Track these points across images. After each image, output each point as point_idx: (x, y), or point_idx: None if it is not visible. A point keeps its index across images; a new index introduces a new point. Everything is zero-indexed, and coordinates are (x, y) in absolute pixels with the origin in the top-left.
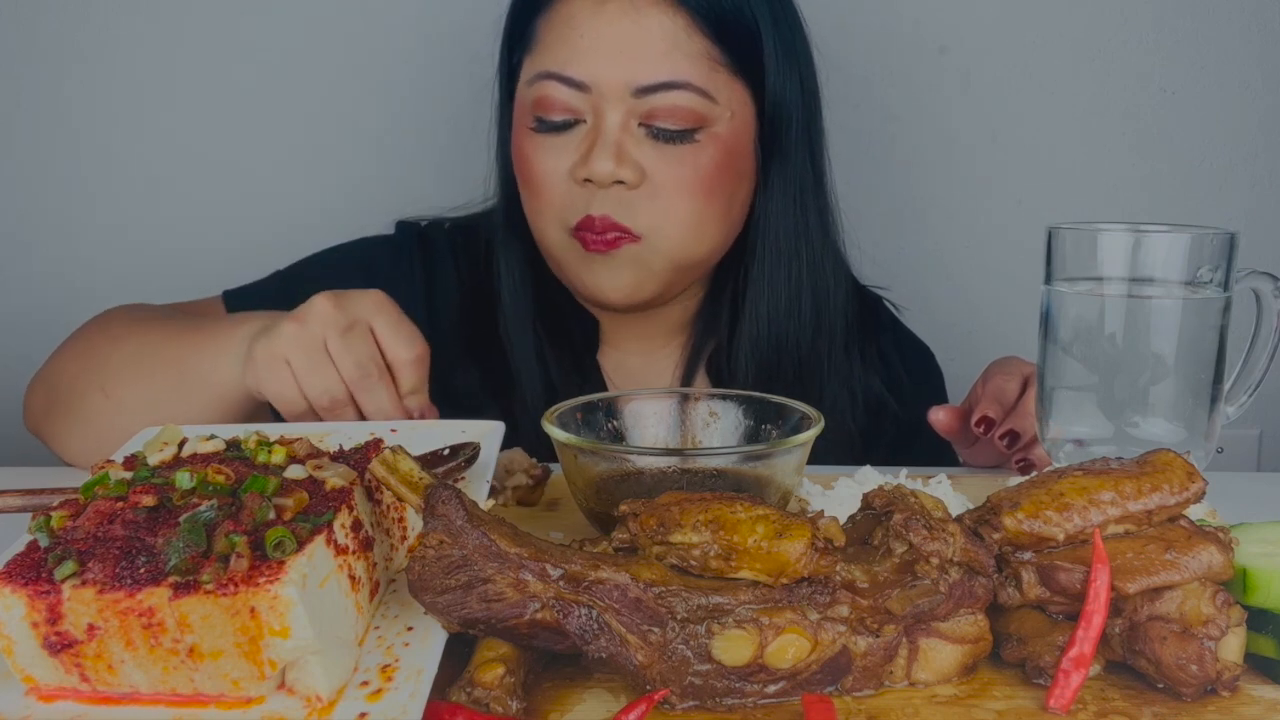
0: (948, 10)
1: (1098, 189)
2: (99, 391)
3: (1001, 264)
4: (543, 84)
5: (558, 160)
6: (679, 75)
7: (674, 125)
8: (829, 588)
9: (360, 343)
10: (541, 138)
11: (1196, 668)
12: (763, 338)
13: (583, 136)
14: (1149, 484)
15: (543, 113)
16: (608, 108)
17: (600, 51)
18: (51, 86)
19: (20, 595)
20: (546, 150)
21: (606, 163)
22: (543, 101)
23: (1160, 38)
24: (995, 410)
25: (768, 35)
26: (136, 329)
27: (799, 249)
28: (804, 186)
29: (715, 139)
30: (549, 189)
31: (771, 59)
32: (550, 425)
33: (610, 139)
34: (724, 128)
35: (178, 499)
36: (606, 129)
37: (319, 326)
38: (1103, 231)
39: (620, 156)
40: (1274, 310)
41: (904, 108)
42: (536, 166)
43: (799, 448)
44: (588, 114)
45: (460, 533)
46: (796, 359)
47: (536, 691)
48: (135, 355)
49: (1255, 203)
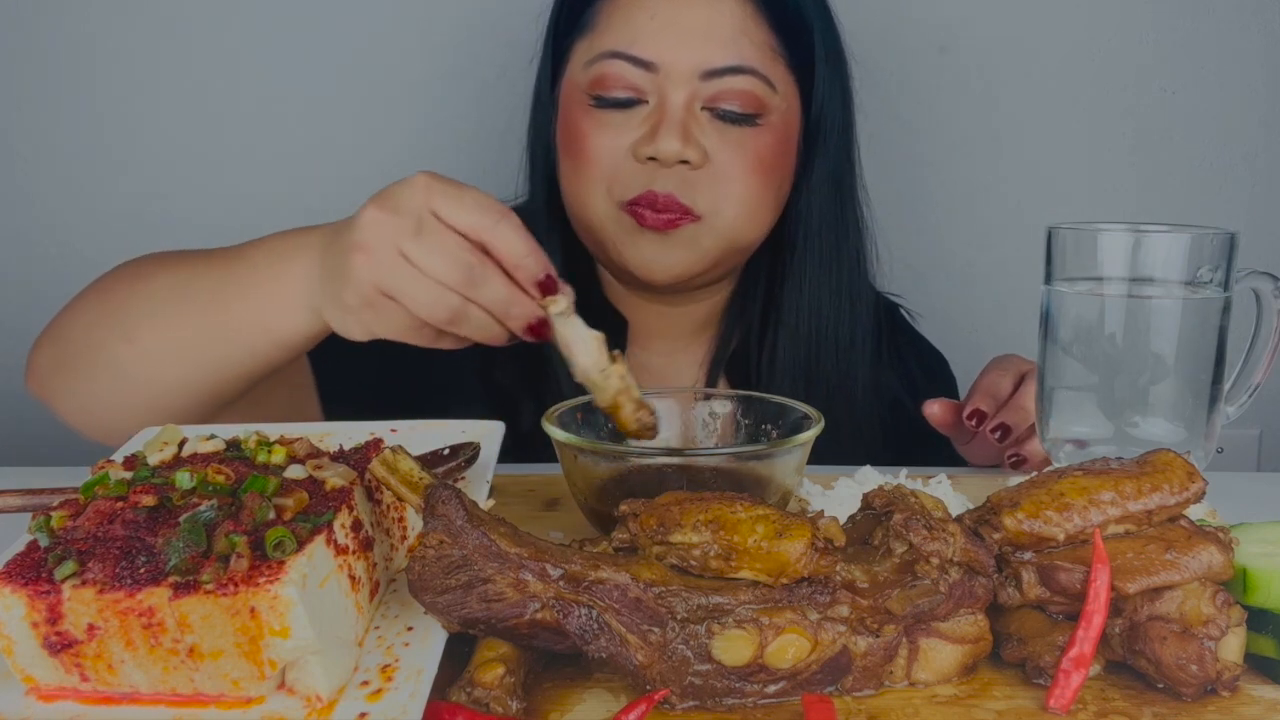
0: (948, 10)
1: (1098, 189)
2: (120, 340)
3: (1001, 264)
4: (606, 63)
5: (616, 136)
6: (745, 60)
7: (738, 109)
8: (829, 588)
9: (438, 237)
10: (600, 113)
11: (1196, 668)
12: (801, 332)
13: (644, 116)
14: (1149, 484)
15: (603, 90)
16: (673, 89)
17: (670, 33)
18: (52, 85)
19: (20, 595)
20: (604, 126)
21: (674, 142)
22: (604, 79)
23: (1160, 38)
24: (988, 404)
25: (819, 36)
26: (164, 268)
27: (840, 247)
28: (841, 187)
29: (773, 126)
30: (602, 162)
31: (821, 59)
32: (550, 425)
33: (676, 119)
34: (780, 117)
35: (178, 499)
36: (671, 109)
37: (386, 242)
38: (1103, 231)
39: (686, 136)
40: (1274, 310)
41: (904, 108)
42: (591, 140)
43: (799, 448)
44: (651, 94)
45: (460, 533)
46: (834, 356)
47: (536, 691)
48: (164, 295)
49: (1255, 203)
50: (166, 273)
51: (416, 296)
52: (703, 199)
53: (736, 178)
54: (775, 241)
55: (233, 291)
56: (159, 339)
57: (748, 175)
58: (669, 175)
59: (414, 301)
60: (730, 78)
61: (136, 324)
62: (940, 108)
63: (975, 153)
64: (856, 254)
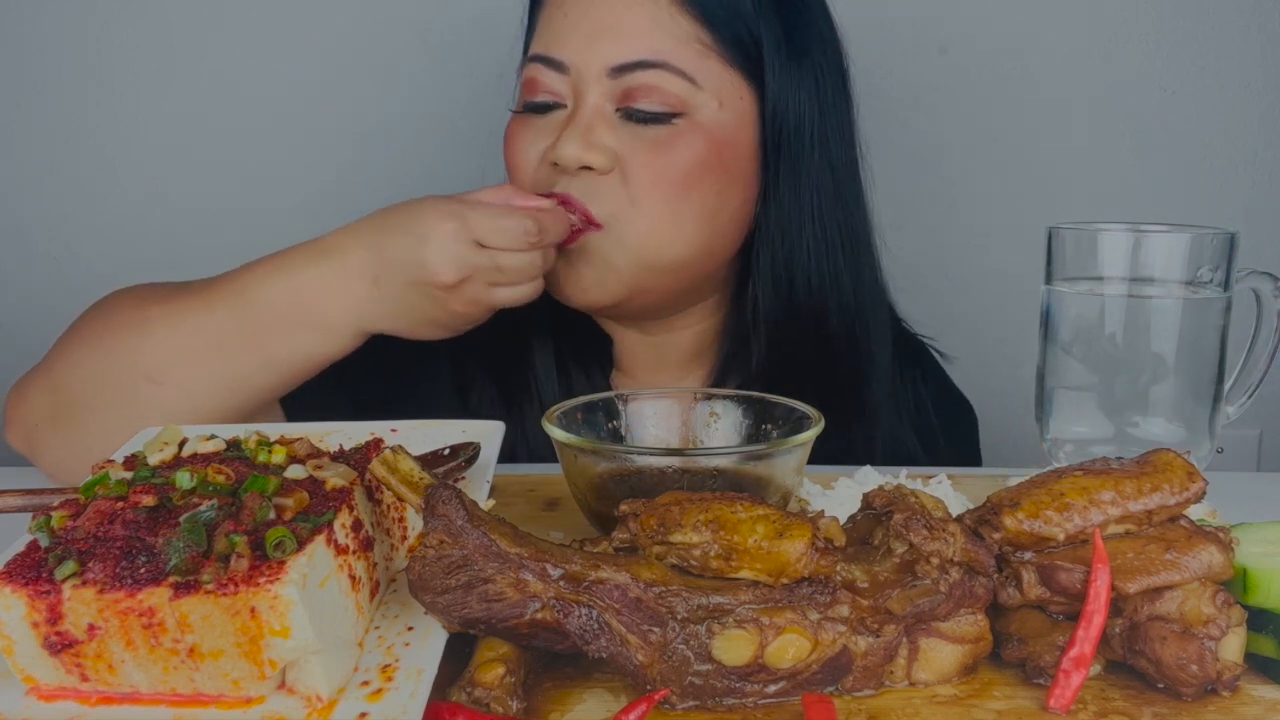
0: (948, 10)
1: (1098, 189)
2: (144, 380)
3: (1001, 264)
4: (529, 67)
5: (534, 143)
6: (657, 54)
7: (650, 107)
8: (829, 588)
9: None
10: (523, 119)
11: (1197, 668)
12: (785, 355)
13: (562, 120)
14: (1149, 484)
15: (528, 95)
16: (585, 89)
17: (580, 31)
18: (50, 87)
19: (20, 595)
20: (525, 132)
21: (572, 145)
22: (529, 84)
23: (1160, 38)
24: None
25: (769, 26)
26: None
27: (820, 265)
28: (822, 199)
29: (697, 128)
30: (522, 173)
31: (774, 53)
32: (550, 425)
33: (583, 121)
34: (708, 117)
35: (178, 499)
36: (582, 111)
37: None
38: (1103, 231)
39: (589, 140)
40: (1274, 310)
41: (904, 108)
42: (514, 150)
43: (799, 448)
44: (568, 97)
45: (460, 533)
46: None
47: (536, 691)
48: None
49: (1255, 203)
50: (176, 313)
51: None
52: (605, 204)
53: (647, 184)
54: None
55: (271, 331)
56: (191, 377)
57: (661, 181)
58: (570, 181)
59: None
60: (640, 73)
61: (162, 367)
62: (940, 108)
63: (975, 153)
64: (851, 277)
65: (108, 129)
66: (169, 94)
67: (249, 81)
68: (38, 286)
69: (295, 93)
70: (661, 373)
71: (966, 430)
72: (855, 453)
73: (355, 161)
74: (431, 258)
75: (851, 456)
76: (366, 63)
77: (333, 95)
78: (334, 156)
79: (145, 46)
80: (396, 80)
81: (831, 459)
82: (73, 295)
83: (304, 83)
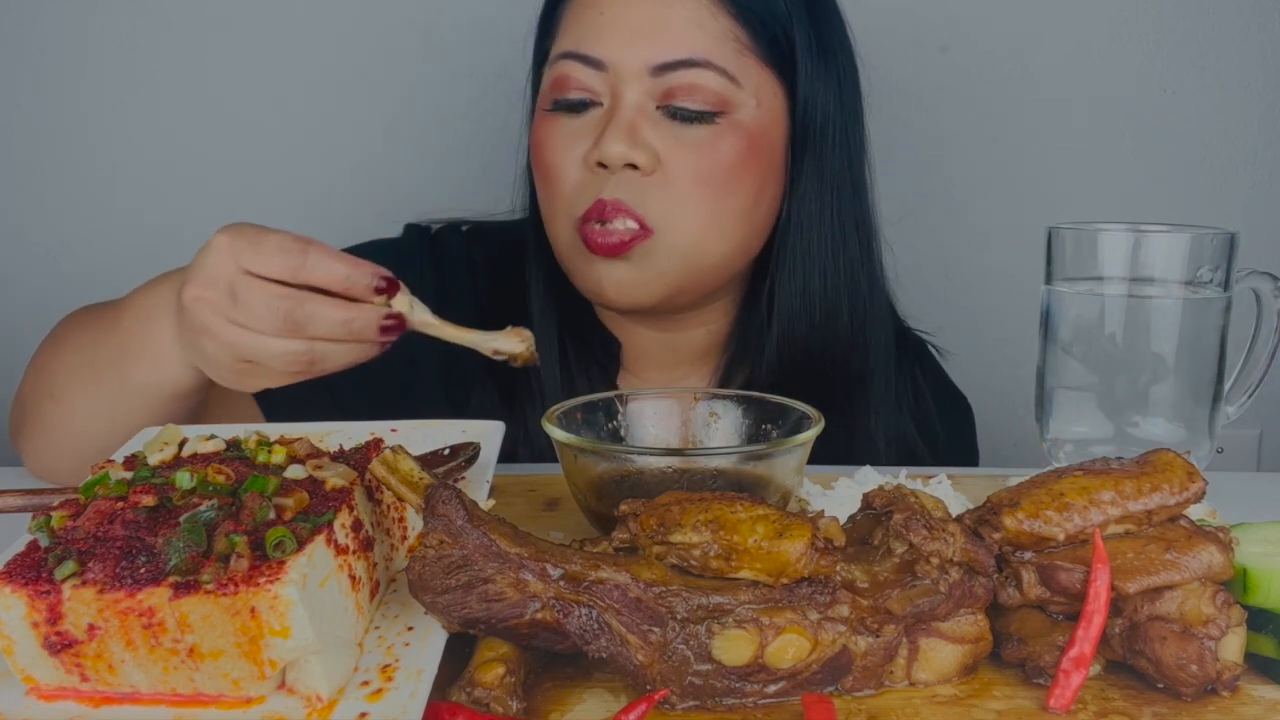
0: (948, 10)
1: (1098, 189)
2: (46, 398)
3: (1001, 264)
4: (561, 64)
5: (572, 145)
6: (699, 53)
7: (693, 106)
8: (829, 588)
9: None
10: (557, 119)
11: (1196, 668)
12: (797, 349)
13: (599, 119)
14: (1149, 484)
15: (559, 92)
16: (625, 88)
17: (620, 29)
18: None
19: (20, 595)
20: (561, 133)
21: (618, 144)
22: (560, 81)
23: (1160, 38)
24: None
25: (801, 27)
26: (80, 328)
27: (836, 260)
28: (841, 195)
29: (737, 126)
30: (561, 177)
31: (805, 53)
32: (550, 425)
33: (625, 119)
34: (748, 115)
35: (178, 499)
36: (622, 109)
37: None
38: (1103, 231)
39: (634, 138)
40: (1274, 310)
41: (904, 108)
42: (549, 151)
43: (799, 448)
44: (605, 95)
45: (460, 533)
46: (831, 379)
47: (536, 691)
48: (75, 360)
49: (1255, 203)
50: (79, 333)
51: (268, 357)
52: (654, 207)
53: (692, 184)
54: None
55: (124, 356)
56: (73, 396)
57: (705, 182)
58: (618, 182)
59: (269, 360)
60: (683, 71)
61: (61, 384)
62: (940, 108)
63: (976, 152)
64: (858, 269)
65: (107, 129)
66: (169, 94)
67: (249, 82)
68: (38, 286)
69: (296, 93)
70: (669, 371)
71: (964, 426)
72: (856, 445)
73: (356, 162)
74: (190, 268)
75: (853, 448)
76: (367, 63)
77: (334, 96)
78: (334, 157)
79: (145, 46)
80: (397, 81)
81: (834, 452)
82: (72, 295)
83: (305, 83)
